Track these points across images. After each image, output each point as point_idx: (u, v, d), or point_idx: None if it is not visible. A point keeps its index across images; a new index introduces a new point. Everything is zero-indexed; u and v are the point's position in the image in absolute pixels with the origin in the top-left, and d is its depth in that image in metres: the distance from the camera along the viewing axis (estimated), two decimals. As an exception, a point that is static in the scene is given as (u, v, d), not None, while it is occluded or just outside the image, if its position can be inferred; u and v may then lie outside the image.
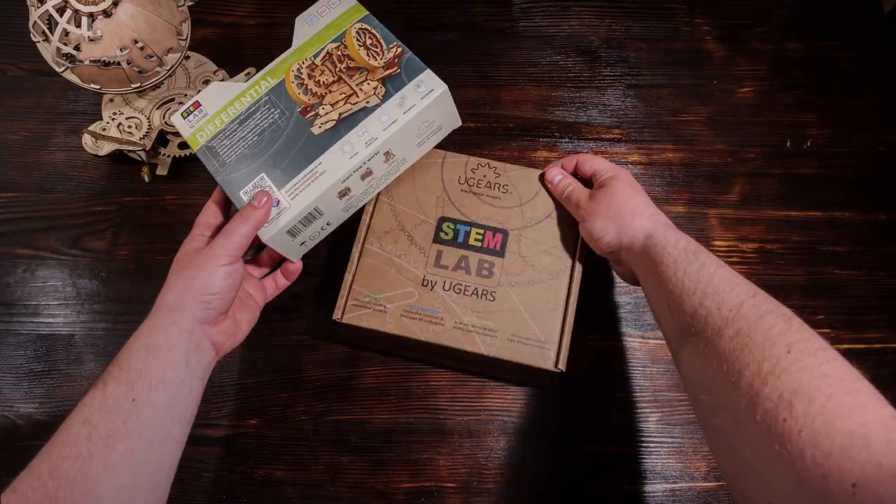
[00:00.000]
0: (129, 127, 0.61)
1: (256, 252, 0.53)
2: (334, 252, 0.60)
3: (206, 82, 0.63)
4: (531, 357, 0.49)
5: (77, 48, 0.53)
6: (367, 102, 0.49)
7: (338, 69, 0.51)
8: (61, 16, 0.52)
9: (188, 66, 0.64)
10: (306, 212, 0.48)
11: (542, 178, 0.55)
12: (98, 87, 0.56)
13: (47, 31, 0.54)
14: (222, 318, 0.45)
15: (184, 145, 0.63)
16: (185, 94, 0.63)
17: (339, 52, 0.52)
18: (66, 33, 0.53)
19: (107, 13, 0.52)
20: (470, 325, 0.50)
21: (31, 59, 0.69)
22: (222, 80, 0.63)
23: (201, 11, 0.71)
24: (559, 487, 0.51)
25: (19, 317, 0.58)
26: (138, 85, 0.57)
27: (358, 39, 0.52)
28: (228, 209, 0.50)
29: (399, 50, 0.51)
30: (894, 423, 0.29)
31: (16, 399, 0.54)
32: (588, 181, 0.54)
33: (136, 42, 0.53)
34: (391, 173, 0.52)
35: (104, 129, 0.61)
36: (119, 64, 0.54)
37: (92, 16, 0.52)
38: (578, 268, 0.52)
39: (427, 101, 0.49)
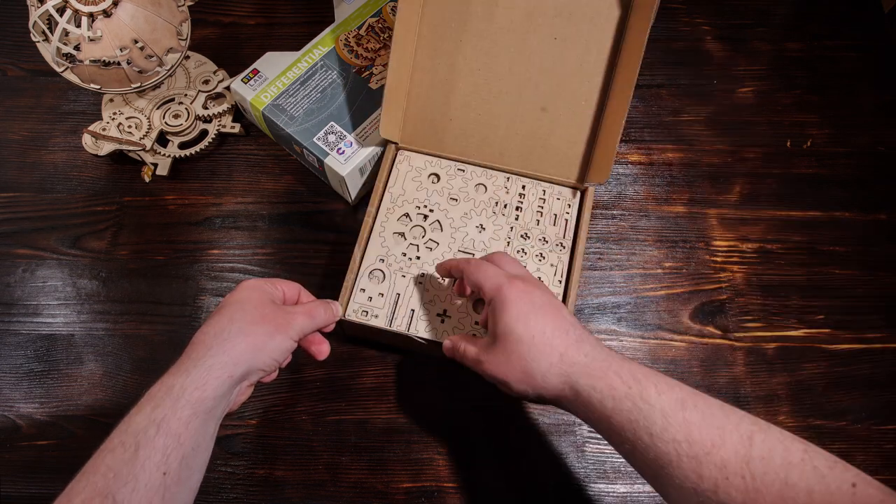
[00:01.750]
0: (129, 127, 0.61)
1: None
2: (335, 254, 0.60)
3: (206, 82, 0.63)
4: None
5: (77, 48, 0.53)
6: None
7: (382, 38, 0.62)
8: (61, 16, 0.52)
9: (188, 66, 0.64)
10: (379, 149, 0.57)
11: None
12: (98, 87, 0.56)
13: (47, 31, 0.54)
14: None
15: (184, 145, 0.63)
16: (185, 94, 0.63)
17: (380, 25, 0.62)
18: (66, 33, 0.53)
19: (107, 13, 0.52)
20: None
21: (31, 59, 0.69)
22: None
23: (201, 11, 0.71)
24: (560, 487, 0.51)
25: (19, 317, 0.58)
26: (138, 85, 0.57)
27: (394, 15, 0.60)
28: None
29: None
30: None
31: (16, 399, 0.54)
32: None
33: (136, 42, 0.53)
34: None
35: (104, 129, 0.61)
36: (119, 64, 0.54)
37: (92, 16, 0.52)
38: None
39: None
